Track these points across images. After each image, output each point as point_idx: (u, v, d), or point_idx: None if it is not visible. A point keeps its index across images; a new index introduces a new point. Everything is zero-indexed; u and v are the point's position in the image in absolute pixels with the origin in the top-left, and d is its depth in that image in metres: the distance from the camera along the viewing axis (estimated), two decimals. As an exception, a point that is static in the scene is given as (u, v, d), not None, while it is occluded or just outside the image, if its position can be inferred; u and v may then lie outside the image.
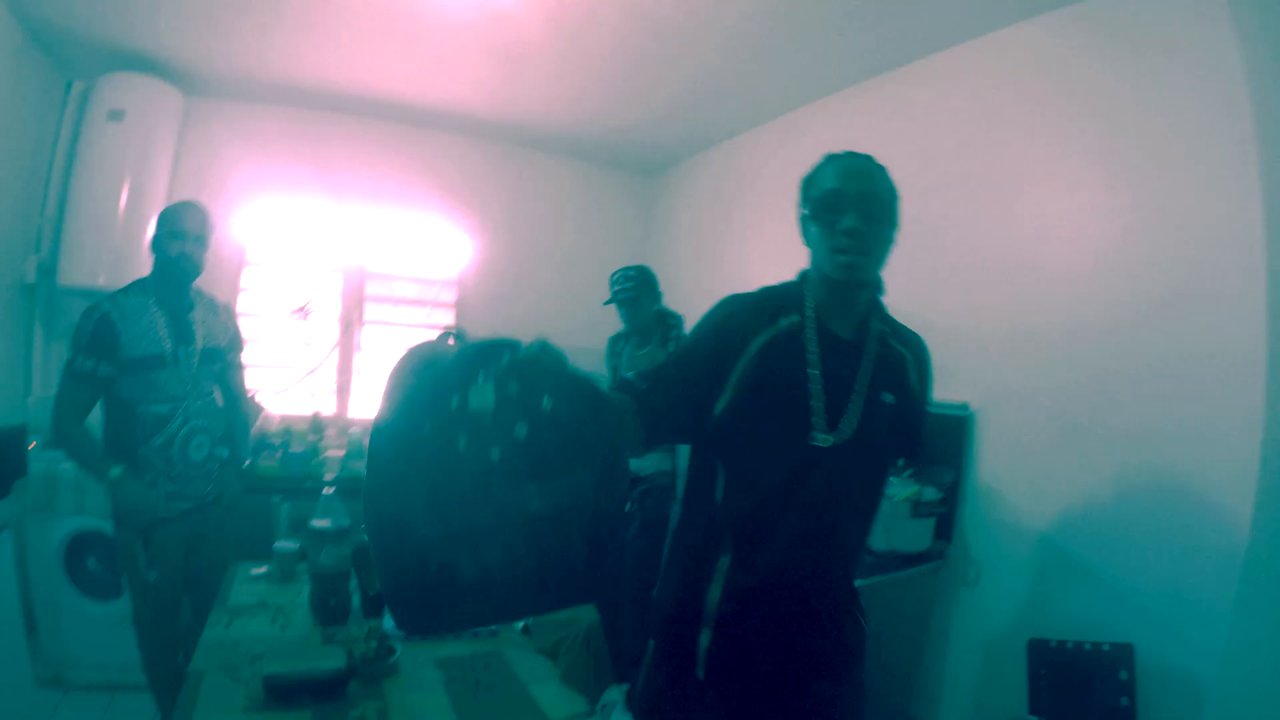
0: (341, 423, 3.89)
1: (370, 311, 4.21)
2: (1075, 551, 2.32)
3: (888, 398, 1.38)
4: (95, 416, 2.29)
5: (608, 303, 3.24)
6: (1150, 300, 2.18)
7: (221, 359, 2.51)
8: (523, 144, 4.50)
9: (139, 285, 2.34)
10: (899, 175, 1.31)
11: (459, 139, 4.34)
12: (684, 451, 4.32)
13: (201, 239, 2.35)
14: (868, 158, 1.40)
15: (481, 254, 4.43)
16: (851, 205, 1.31)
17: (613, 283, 3.23)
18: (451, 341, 1.13)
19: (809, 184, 1.42)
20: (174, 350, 2.30)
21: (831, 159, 1.41)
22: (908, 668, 2.67)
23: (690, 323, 3.29)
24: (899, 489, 2.57)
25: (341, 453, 3.51)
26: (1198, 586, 2.00)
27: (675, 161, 4.66)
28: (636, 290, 3.15)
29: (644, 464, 3.14)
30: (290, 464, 3.29)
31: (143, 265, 3.28)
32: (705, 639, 1.35)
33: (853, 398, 1.35)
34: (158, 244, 2.32)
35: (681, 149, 4.44)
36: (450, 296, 4.43)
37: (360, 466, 3.43)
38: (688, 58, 3.15)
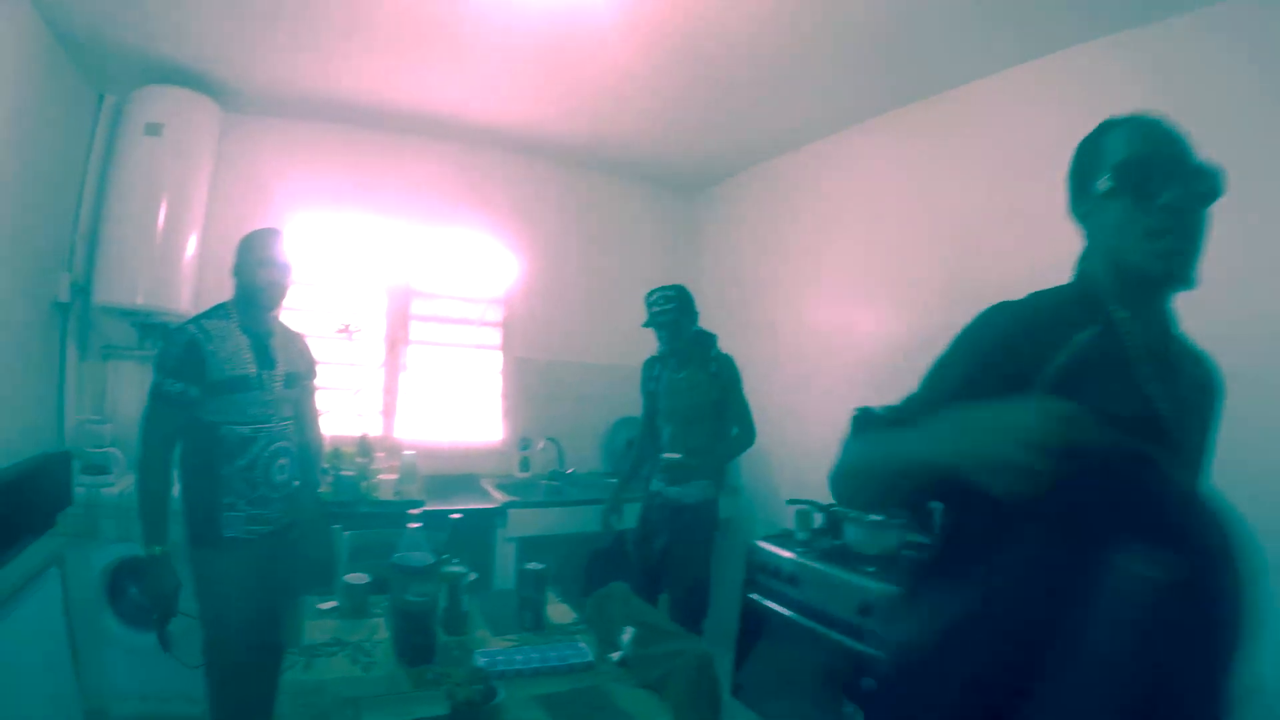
0: (389, 444, 3.64)
1: (416, 331, 3.95)
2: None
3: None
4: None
5: (647, 324, 3.02)
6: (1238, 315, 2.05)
7: (300, 383, 2.42)
8: (567, 161, 4.27)
9: (221, 310, 2.27)
10: (946, 199, 1.15)
11: (504, 155, 4.10)
12: (734, 472, 4.03)
13: (289, 266, 2.31)
14: (1165, 119, 1.07)
15: (527, 272, 4.20)
16: (1172, 177, 0.99)
17: (651, 304, 3.01)
18: None
19: (1094, 151, 1.11)
20: (258, 374, 2.22)
21: (1121, 122, 1.10)
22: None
23: (729, 344, 3.13)
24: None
25: (394, 476, 3.26)
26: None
27: (717, 180, 4.47)
28: (677, 312, 2.94)
29: (686, 491, 2.91)
30: (341, 488, 3.06)
31: (182, 282, 3.10)
32: None
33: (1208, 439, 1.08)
34: (244, 270, 2.26)
35: (723, 167, 4.24)
36: (496, 315, 4.19)
37: (414, 491, 3.22)
38: (734, 77, 2.97)
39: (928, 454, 0.93)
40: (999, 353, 1.04)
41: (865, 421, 1.09)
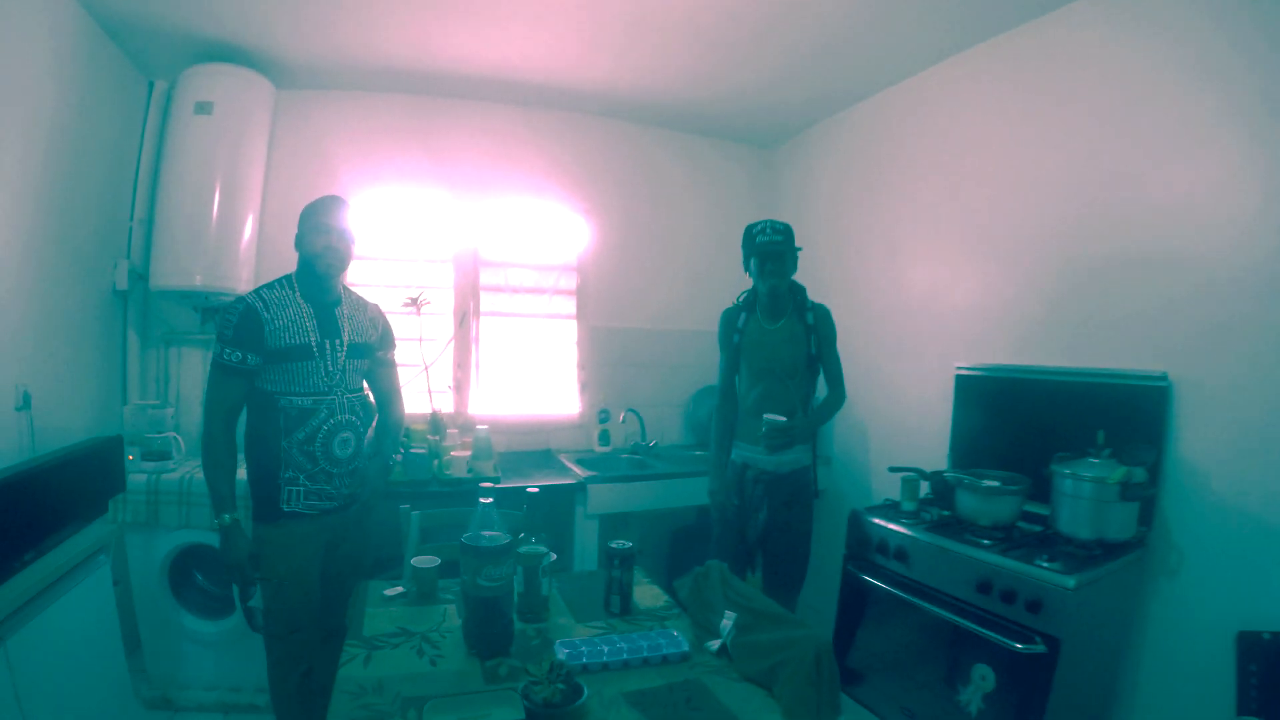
0: (462, 420, 3.38)
1: (486, 302, 3.67)
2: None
3: None
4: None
5: (749, 254, 2.53)
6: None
7: (370, 355, 2.23)
8: (636, 119, 3.92)
9: (283, 280, 2.11)
10: (1059, 129, 0.89)
11: (572, 116, 3.80)
12: (827, 440, 3.59)
13: (346, 233, 2.12)
14: None
15: (599, 237, 3.89)
16: None
17: (756, 234, 2.48)
18: None
19: None
20: (320, 343, 2.06)
21: None
22: (1106, 669, 2.13)
23: (818, 295, 2.74)
24: (1107, 470, 2.03)
25: (467, 453, 2.98)
26: None
27: (794, 132, 4.06)
28: (786, 244, 2.48)
29: (784, 459, 2.52)
30: (412, 466, 2.82)
31: (241, 263, 2.95)
32: None
33: None
34: (304, 238, 2.10)
35: (803, 117, 3.84)
36: (570, 283, 3.87)
37: (488, 468, 2.96)
38: (810, 15, 2.61)
39: None
40: None
41: None
